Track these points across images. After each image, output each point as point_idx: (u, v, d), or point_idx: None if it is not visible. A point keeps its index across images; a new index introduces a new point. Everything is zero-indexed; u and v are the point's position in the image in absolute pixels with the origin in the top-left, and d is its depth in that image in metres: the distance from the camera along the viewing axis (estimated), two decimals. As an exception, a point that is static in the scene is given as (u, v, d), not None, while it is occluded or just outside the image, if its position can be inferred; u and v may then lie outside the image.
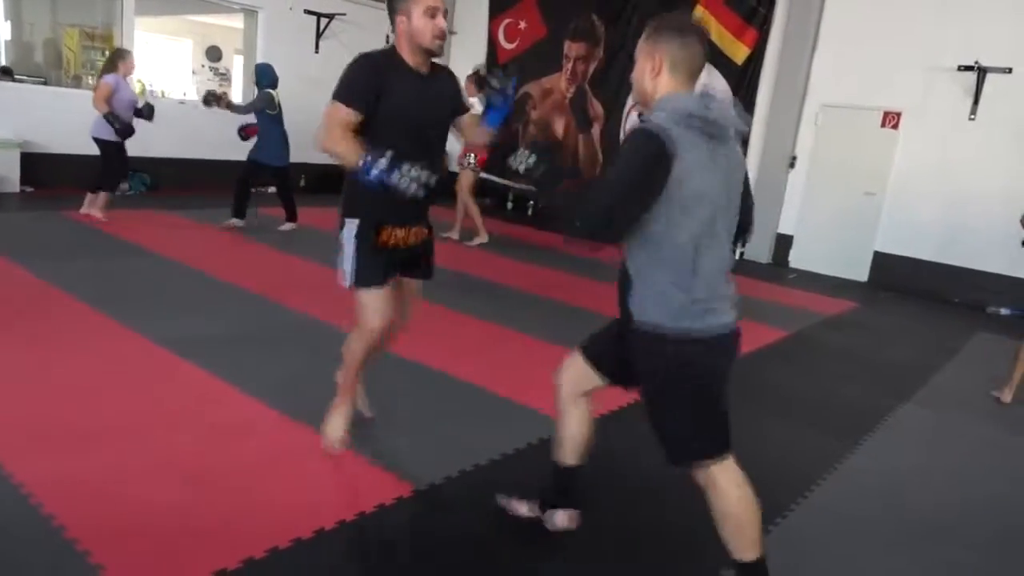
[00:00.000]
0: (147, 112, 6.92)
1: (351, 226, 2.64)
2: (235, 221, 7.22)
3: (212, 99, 7.15)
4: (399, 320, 2.90)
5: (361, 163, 2.37)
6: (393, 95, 2.52)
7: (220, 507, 2.47)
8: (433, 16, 2.52)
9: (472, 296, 5.71)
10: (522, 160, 2.14)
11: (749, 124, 2.30)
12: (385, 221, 2.64)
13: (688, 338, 1.97)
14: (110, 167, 6.84)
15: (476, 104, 7.65)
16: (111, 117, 6.48)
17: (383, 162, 2.35)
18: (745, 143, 8.92)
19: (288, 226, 7.43)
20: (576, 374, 2.35)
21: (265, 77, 7.20)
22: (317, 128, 2.48)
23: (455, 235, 7.82)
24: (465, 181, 7.73)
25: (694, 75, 2.03)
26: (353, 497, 2.62)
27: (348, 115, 2.48)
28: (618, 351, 2.18)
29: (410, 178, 2.35)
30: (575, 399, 2.36)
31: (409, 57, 2.59)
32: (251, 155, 7.21)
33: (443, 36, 2.57)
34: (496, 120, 2.78)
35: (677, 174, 1.86)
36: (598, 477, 2.87)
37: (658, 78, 2.02)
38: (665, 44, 2.00)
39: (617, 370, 2.25)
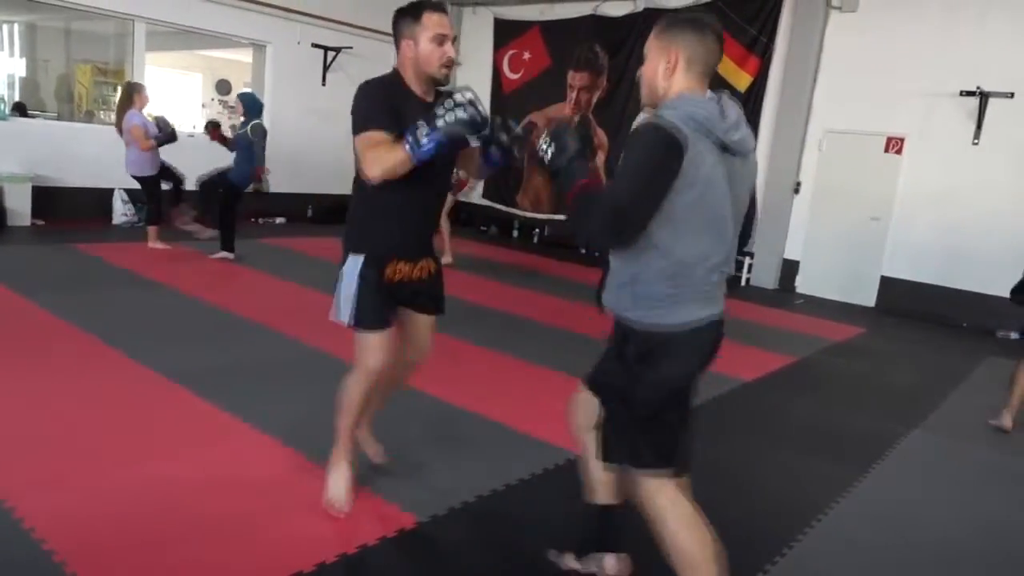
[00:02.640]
0: (168, 134, 7.16)
1: (355, 261, 2.52)
2: (225, 255, 7.13)
3: (215, 131, 7.39)
4: (416, 356, 2.80)
5: (408, 148, 2.24)
6: (404, 122, 2.36)
7: (219, 539, 2.46)
8: (441, 43, 2.43)
9: (474, 324, 5.71)
10: (545, 147, 2.00)
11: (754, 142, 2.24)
12: (391, 255, 2.54)
13: (664, 331, 1.94)
14: (153, 201, 7.17)
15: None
16: (161, 138, 6.86)
17: (423, 129, 2.22)
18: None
19: (221, 255, 7.17)
20: (587, 410, 2.23)
21: (255, 107, 7.16)
22: (362, 167, 2.35)
23: (448, 259, 7.89)
24: (446, 204, 7.80)
25: (709, 73, 1.95)
26: (355, 530, 2.60)
27: (380, 136, 2.33)
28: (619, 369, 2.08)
29: (458, 109, 2.21)
30: (593, 434, 2.23)
31: (414, 84, 2.49)
32: (227, 176, 7.04)
33: (450, 64, 2.48)
34: (496, 161, 2.55)
35: (685, 172, 1.79)
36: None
37: (673, 75, 1.92)
38: (682, 39, 1.91)
39: None
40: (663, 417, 2.00)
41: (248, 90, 8.09)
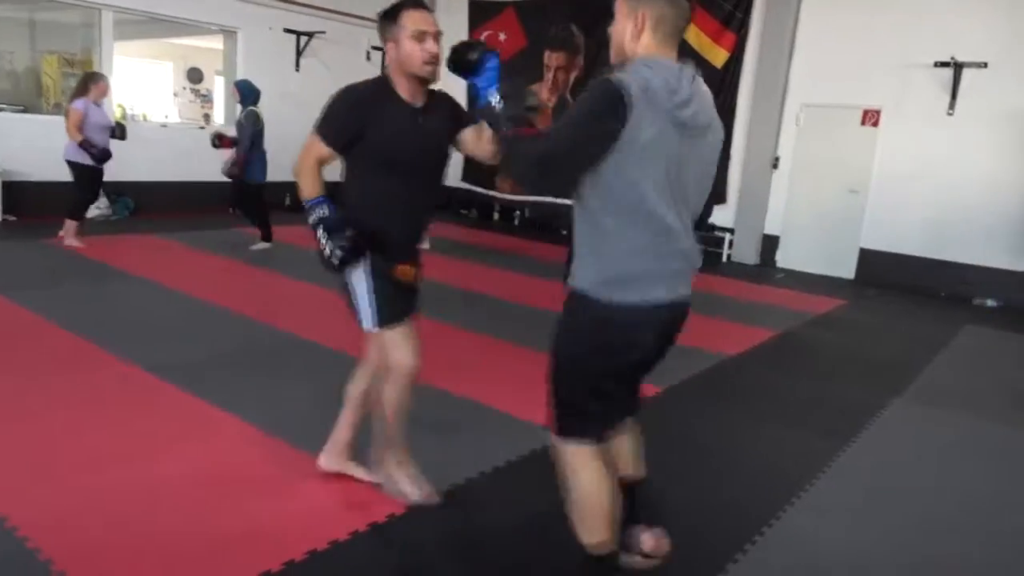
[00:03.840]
0: (119, 132, 6.86)
1: (361, 264, 2.43)
2: (264, 245, 7.30)
3: (222, 140, 7.20)
4: (419, 360, 2.62)
5: (309, 205, 2.38)
6: (382, 130, 2.35)
7: (208, 531, 2.44)
8: (421, 40, 2.35)
9: (457, 307, 5.70)
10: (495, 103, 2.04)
11: (721, 128, 2.13)
12: (393, 258, 2.47)
13: (611, 305, 1.90)
14: (82, 192, 6.78)
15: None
16: (86, 144, 6.44)
17: (323, 211, 2.36)
18: (724, 158, 8.97)
19: (262, 246, 7.37)
20: None
21: (250, 94, 7.21)
22: (295, 166, 2.43)
23: (425, 244, 7.87)
24: None
25: (677, 35, 1.94)
26: (345, 516, 2.59)
27: (322, 151, 2.39)
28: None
29: (334, 244, 2.33)
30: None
31: (402, 87, 2.42)
32: (244, 177, 7.15)
33: (435, 61, 2.38)
34: (485, 94, 2.19)
35: (629, 134, 1.77)
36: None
37: (640, 37, 1.91)
38: (650, 2, 1.89)
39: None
40: (574, 384, 2.01)
41: (245, 78, 8.00)
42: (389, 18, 2.41)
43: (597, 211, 1.90)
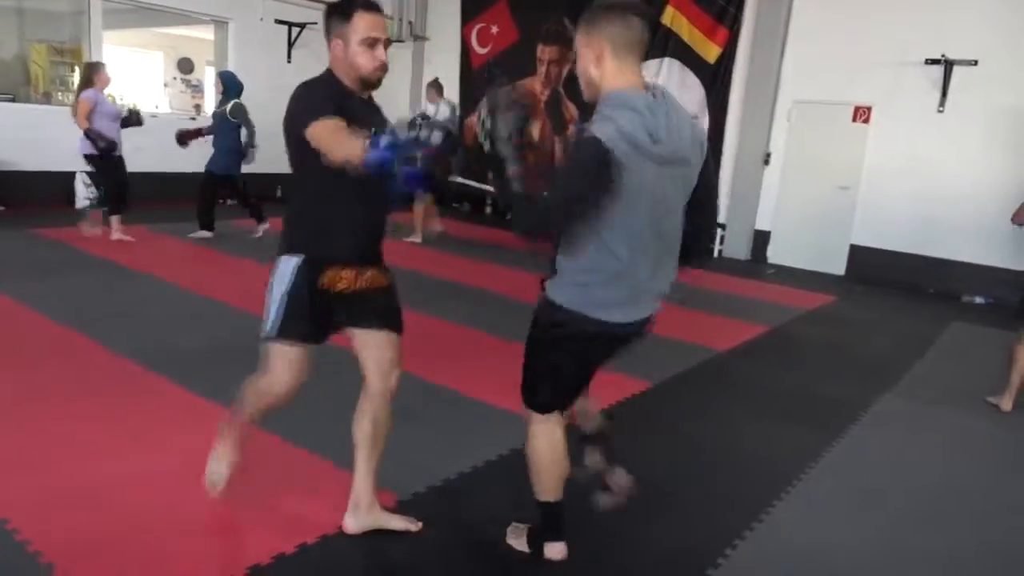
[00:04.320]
0: (135, 119, 6.86)
1: (288, 263, 2.25)
2: (204, 233, 7.27)
3: (186, 136, 7.16)
4: (382, 383, 2.40)
5: (368, 146, 1.92)
6: (348, 122, 2.10)
7: (199, 525, 2.44)
8: (372, 46, 2.18)
9: (448, 301, 5.70)
10: (483, 126, 2.02)
11: (703, 146, 2.15)
12: (331, 259, 2.25)
13: (582, 317, 2.08)
14: (109, 183, 6.74)
15: (434, 109, 7.73)
16: (93, 134, 6.42)
17: (387, 139, 1.91)
18: (716, 153, 8.99)
19: (262, 228, 7.42)
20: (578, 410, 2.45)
21: (234, 86, 7.21)
22: (323, 140, 2.07)
23: (417, 239, 7.96)
24: None
25: (640, 54, 1.97)
26: (335, 510, 2.59)
27: (338, 122, 2.08)
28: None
29: (426, 130, 1.99)
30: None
31: (349, 84, 2.24)
32: (210, 167, 7.22)
33: (384, 69, 2.23)
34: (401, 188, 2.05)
35: (622, 185, 1.88)
36: (573, 484, 2.87)
37: (602, 65, 1.95)
38: (604, 28, 1.94)
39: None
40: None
41: (229, 69, 8.01)
42: (340, 15, 2.20)
43: (580, 237, 2.01)
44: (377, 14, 2.23)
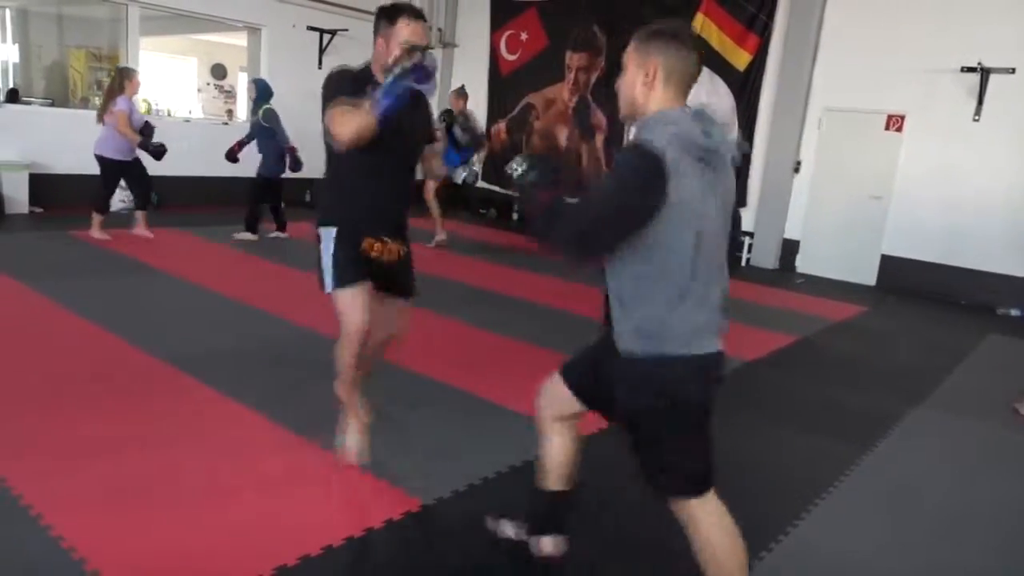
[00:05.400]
0: (155, 151, 6.98)
1: (328, 233, 2.61)
2: (248, 235, 7.40)
3: (231, 153, 7.34)
4: (393, 330, 2.85)
5: (371, 107, 2.31)
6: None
7: (226, 525, 2.47)
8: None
9: (475, 306, 5.71)
10: (516, 167, 2.01)
11: (745, 149, 2.24)
12: (362, 231, 2.61)
13: (671, 363, 1.88)
14: (106, 186, 6.94)
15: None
16: (145, 142, 6.62)
17: (380, 89, 2.31)
18: (745, 162, 8.91)
19: (245, 236, 7.49)
20: (556, 398, 2.24)
21: (266, 93, 7.36)
22: (331, 130, 2.37)
23: (443, 236, 8.05)
24: (431, 187, 7.94)
25: (688, 86, 1.93)
26: (361, 513, 2.61)
27: (341, 103, 2.38)
28: (596, 378, 2.09)
29: (418, 68, 2.30)
30: (556, 424, 2.26)
31: (381, 80, 2.43)
32: (260, 171, 7.39)
33: None
34: (456, 161, 2.84)
35: (671, 197, 1.76)
36: (602, 492, 2.86)
37: (652, 89, 1.89)
38: (660, 52, 1.87)
39: (596, 398, 2.14)
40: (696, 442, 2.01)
41: (262, 76, 8.21)
42: (387, 17, 2.49)
43: (650, 266, 1.86)
44: (420, 22, 2.49)
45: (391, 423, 3.24)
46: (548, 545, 2.37)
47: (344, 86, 2.45)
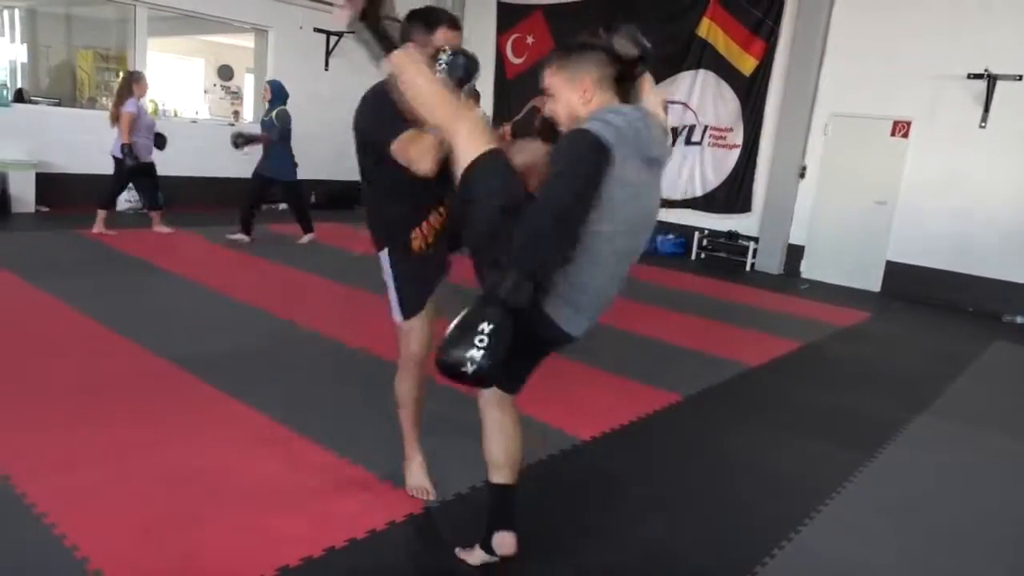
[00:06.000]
0: (160, 143, 7.26)
1: (384, 258, 2.55)
2: (242, 237, 7.37)
3: (241, 141, 7.36)
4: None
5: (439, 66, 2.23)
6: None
7: (228, 525, 2.47)
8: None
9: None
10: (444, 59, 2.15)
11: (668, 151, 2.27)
12: (411, 226, 2.48)
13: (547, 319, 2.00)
14: (115, 184, 7.14)
15: None
16: (126, 148, 6.77)
17: (443, 56, 2.24)
18: (751, 167, 8.88)
19: (307, 238, 7.58)
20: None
21: (281, 95, 7.39)
22: (408, 156, 2.23)
23: None
24: None
25: (612, 80, 2.06)
26: (363, 515, 2.61)
27: (409, 134, 2.23)
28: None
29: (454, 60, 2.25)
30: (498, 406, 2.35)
31: None
32: (258, 171, 7.44)
33: None
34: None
35: (609, 177, 1.87)
36: (602, 497, 2.86)
37: (591, 101, 2.01)
38: (584, 66, 2.02)
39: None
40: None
41: (274, 78, 8.30)
42: (424, 24, 2.32)
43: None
44: (458, 32, 2.36)
45: (393, 424, 3.24)
46: (503, 542, 2.32)
47: (398, 121, 2.23)
